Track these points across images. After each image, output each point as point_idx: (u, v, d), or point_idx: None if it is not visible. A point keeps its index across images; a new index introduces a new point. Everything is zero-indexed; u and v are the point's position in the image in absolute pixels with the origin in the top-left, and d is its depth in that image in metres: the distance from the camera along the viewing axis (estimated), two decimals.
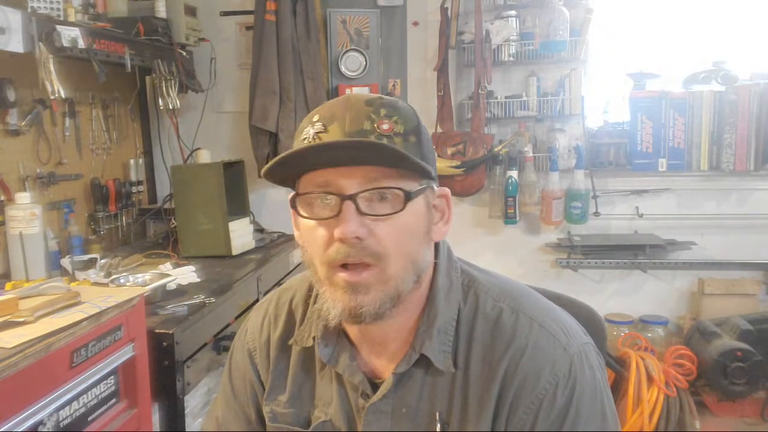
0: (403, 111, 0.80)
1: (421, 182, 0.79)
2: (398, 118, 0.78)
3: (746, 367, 2.54)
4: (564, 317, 0.86)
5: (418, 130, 0.80)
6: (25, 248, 1.96)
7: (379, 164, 0.75)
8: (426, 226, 0.81)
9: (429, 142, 0.83)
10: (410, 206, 0.77)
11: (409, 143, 0.78)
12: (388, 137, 0.76)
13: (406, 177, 0.77)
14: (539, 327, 0.81)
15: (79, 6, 2.14)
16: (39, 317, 1.44)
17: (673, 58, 2.85)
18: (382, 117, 0.77)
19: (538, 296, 0.88)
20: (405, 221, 0.77)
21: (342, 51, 2.90)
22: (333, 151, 0.75)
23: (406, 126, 0.79)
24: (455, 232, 3.41)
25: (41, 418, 1.31)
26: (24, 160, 2.15)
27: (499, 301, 0.84)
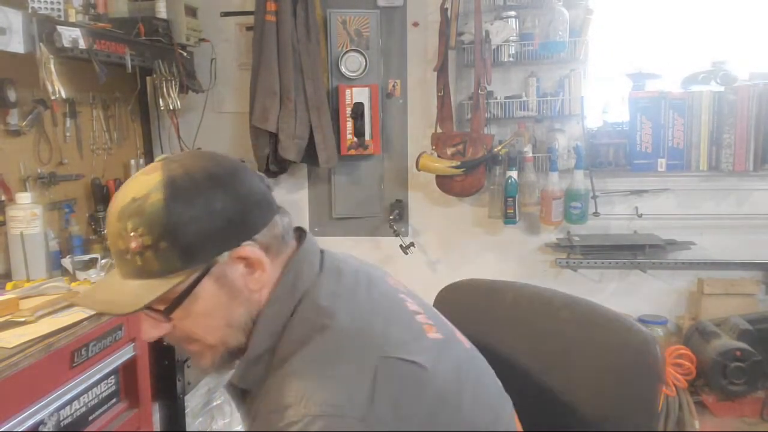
0: (148, 217, 0.79)
1: (191, 274, 0.81)
2: (143, 228, 0.79)
3: (745, 367, 2.54)
4: (328, 380, 0.77)
5: (168, 231, 0.79)
6: (25, 248, 1.97)
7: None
8: (228, 293, 0.84)
9: (191, 229, 0.79)
10: (188, 301, 0.82)
11: (160, 252, 0.79)
12: (140, 254, 0.80)
13: (172, 281, 0.81)
14: (283, 379, 0.79)
15: (79, 6, 2.14)
16: (40, 317, 1.45)
17: (673, 58, 2.86)
18: (130, 233, 0.80)
19: (339, 331, 0.82)
20: (194, 311, 0.84)
21: (342, 51, 2.90)
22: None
23: (153, 234, 0.79)
24: (455, 232, 3.40)
25: (42, 418, 1.31)
26: (25, 160, 2.16)
27: (293, 342, 0.83)
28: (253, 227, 0.84)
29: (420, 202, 3.07)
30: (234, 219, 0.82)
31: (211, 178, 0.82)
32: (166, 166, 0.82)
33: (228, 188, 0.82)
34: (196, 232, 0.80)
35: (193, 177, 0.81)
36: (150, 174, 0.82)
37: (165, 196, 0.79)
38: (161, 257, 0.79)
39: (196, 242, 0.80)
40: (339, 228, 3.12)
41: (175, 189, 0.80)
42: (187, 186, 0.80)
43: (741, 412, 2.66)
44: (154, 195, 0.79)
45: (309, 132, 2.81)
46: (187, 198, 0.80)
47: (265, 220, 0.85)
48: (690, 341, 2.75)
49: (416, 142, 2.99)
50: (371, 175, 3.06)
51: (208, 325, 0.85)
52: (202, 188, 0.81)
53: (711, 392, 2.66)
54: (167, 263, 0.80)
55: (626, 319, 1.00)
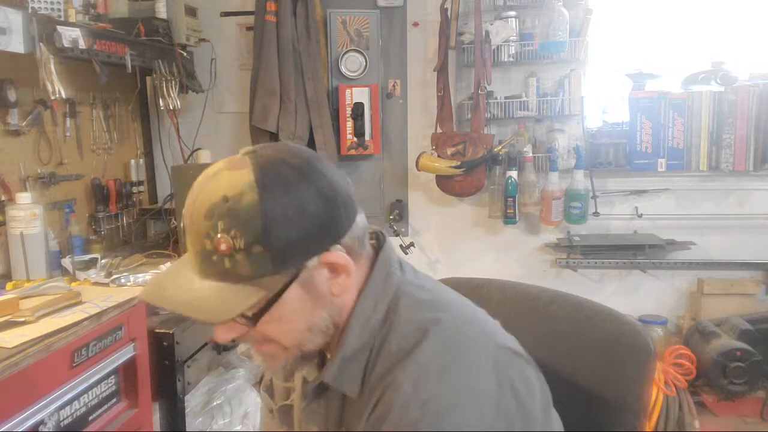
0: (243, 218, 0.74)
1: (280, 280, 0.78)
2: (236, 230, 0.74)
3: (745, 367, 2.54)
4: (461, 367, 0.78)
5: (263, 234, 0.75)
6: (26, 248, 1.97)
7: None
8: (313, 299, 0.82)
9: (285, 233, 0.76)
10: (276, 306, 0.79)
11: (253, 256, 0.75)
12: (230, 257, 0.75)
13: (261, 286, 0.78)
14: (418, 370, 0.77)
15: (79, 7, 2.14)
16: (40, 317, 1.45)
17: (673, 58, 2.86)
18: (221, 233, 0.75)
19: (454, 336, 0.81)
20: (277, 316, 0.80)
21: (342, 51, 2.90)
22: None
23: (247, 237, 0.74)
24: (455, 232, 3.40)
25: (42, 418, 1.31)
26: (25, 160, 2.16)
27: (405, 337, 0.81)
28: (340, 229, 0.80)
29: (420, 202, 3.07)
30: (325, 221, 0.78)
31: (302, 175, 0.78)
32: (255, 161, 0.78)
33: (318, 186, 0.78)
34: (290, 237, 0.76)
35: (285, 175, 0.77)
36: (239, 170, 0.77)
37: (260, 197, 0.75)
38: (253, 261, 0.75)
39: (290, 247, 0.76)
40: None
41: (269, 189, 0.75)
42: (280, 185, 0.76)
43: (741, 412, 2.66)
44: (248, 195, 0.75)
45: (309, 132, 2.81)
46: (281, 199, 0.76)
47: (350, 220, 0.82)
48: (690, 341, 2.75)
49: (416, 142, 3.00)
50: (371, 175, 3.06)
51: (289, 329, 0.82)
52: (294, 187, 0.77)
53: (711, 392, 2.66)
54: (259, 268, 0.76)
55: (617, 312, 1.01)
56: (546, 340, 1.06)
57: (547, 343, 1.05)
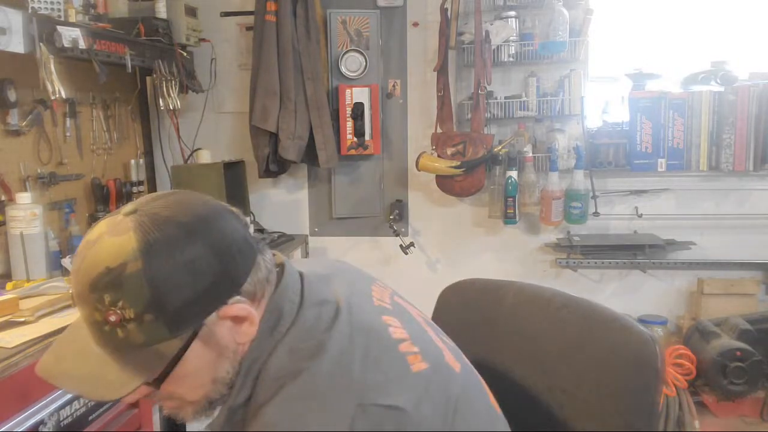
0: (129, 289, 0.72)
1: (185, 332, 0.76)
2: (123, 301, 0.72)
3: (745, 367, 2.54)
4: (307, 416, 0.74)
5: (152, 302, 0.72)
6: (25, 248, 1.97)
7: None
8: (217, 351, 0.79)
9: (176, 297, 0.73)
10: (178, 367, 0.77)
11: (145, 324, 0.73)
12: (121, 327, 0.73)
13: (159, 352, 0.76)
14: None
15: (79, 6, 2.14)
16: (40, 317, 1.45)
17: (673, 58, 2.86)
18: (108, 306, 0.72)
19: (315, 376, 0.76)
20: (182, 375, 0.78)
21: (342, 51, 2.90)
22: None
23: (136, 307, 0.72)
24: (455, 232, 3.39)
25: (42, 418, 1.31)
26: (25, 160, 2.16)
27: (266, 390, 0.78)
28: (237, 279, 0.78)
29: (420, 202, 3.07)
30: (219, 275, 0.76)
31: (189, 233, 0.75)
32: (139, 226, 0.74)
33: (208, 241, 0.75)
34: (183, 299, 0.74)
35: (170, 236, 0.74)
36: (121, 236, 0.73)
37: (144, 264, 0.72)
38: (147, 329, 0.73)
39: (184, 309, 0.74)
40: (339, 228, 3.12)
41: (154, 254, 0.72)
42: (166, 248, 0.73)
43: (741, 412, 2.66)
44: (132, 264, 0.72)
45: (309, 132, 2.81)
46: (168, 262, 0.73)
47: (248, 267, 0.79)
48: (690, 341, 2.75)
49: (416, 142, 3.00)
50: (371, 175, 3.06)
51: (193, 384, 0.80)
52: (182, 247, 0.74)
53: (711, 392, 2.66)
54: (153, 335, 0.74)
55: (626, 319, 1.00)
56: (554, 344, 1.05)
57: (554, 348, 1.04)
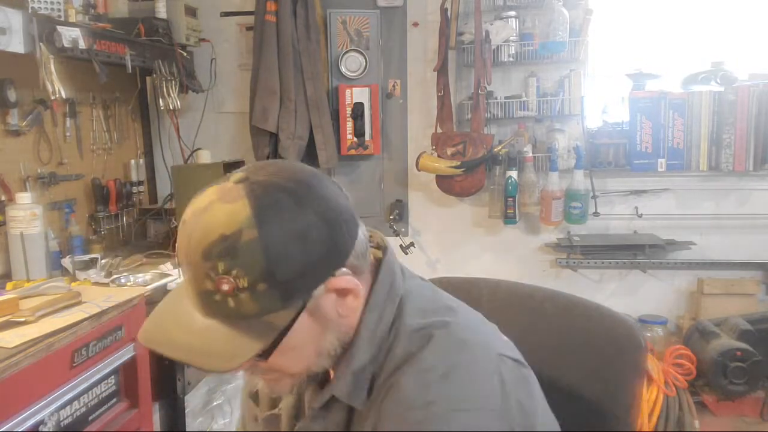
0: (244, 257, 0.71)
1: (287, 314, 0.75)
2: (238, 270, 0.71)
3: (745, 367, 2.54)
4: (464, 373, 0.77)
5: (267, 272, 0.71)
6: (26, 248, 1.97)
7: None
8: (322, 324, 0.79)
9: (289, 267, 0.72)
10: (285, 339, 0.76)
11: (258, 293, 0.72)
12: (234, 297, 0.72)
13: (269, 323, 0.75)
14: (418, 375, 0.76)
15: (79, 7, 2.14)
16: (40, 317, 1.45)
17: (673, 58, 2.86)
18: (221, 274, 0.71)
19: (459, 341, 0.80)
20: (286, 348, 0.77)
21: (342, 51, 2.90)
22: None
23: (250, 276, 0.71)
24: (455, 232, 3.39)
25: (42, 418, 1.31)
26: (25, 160, 2.16)
27: (408, 344, 0.80)
28: (344, 251, 0.77)
29: (420, 202, 3.07)
30: (329, 246, 0.75)
31: (301, 200, 0.74)
32: (250, 191, 0.73)
33: (318, 209, 0.74)
34: (295, 270, 0.73)
35: (282, 204, 0.73)
36: (234, 203, 0.72)
37: (260, 233, 0.71)
38: (259, 299, 0.72)
39: (296, 279, 0.73)
40: None
41: (268, 222, 0.71)
42: (279, 216, 0.72)
43: (741, 412, 2.66)
44: (247, 232, 0.71)
45: (309, 132, 2.81)
46: (282, 231, 0.72)
47: (353, 239, 0.78)
48: (690, 341, 2.75)
49: (416, 142, 3.00)
50: (371, 175, 3.06)
51: (298, 357, 0.80)
52: (294, 216, 0.73)
53: (711, 392, 2.66)
54: (265, 305, 0.73)
55: (608, 309, 1.03)
56: (539, 337, 1.06)
57: (540, 340, 1.06)
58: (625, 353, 0.98)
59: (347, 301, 0.80)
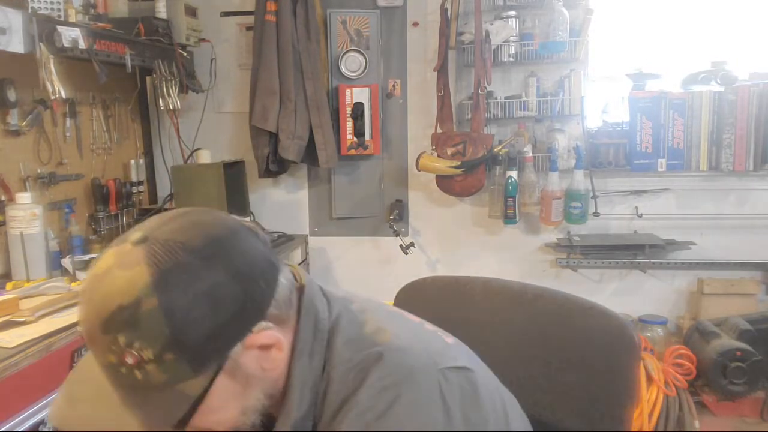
0: (145, 328, 0.66)
1: (209, 368, 0.70)
2: (140, 342, 0.66)
3: (745, 367, 2.54)
4: (402, 410, 0.73)
5: (172, 341, 0.66)
6: (25, 248, 1.97)
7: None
8: (244, 380, 0.74)
9: (197, 332, 0.67)
10: (204, 403, 0.71)
11: (166, 364, 0.67)
12: (139, 368, 0.67)
13: (182, 391, 0.70)
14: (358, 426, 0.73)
15: (79, 6, 2.14)
16: (40, 317, 1.45)
17: (673, 58, 2.86)
18: (124, 348, 0.66)
19: (394, 354, 0.77)
20: (209, 409, 0.72)
21: (342, 51, 2.90)
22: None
23: (154, 347, 0.66)
24: (455, 232, 3.38)
25: (42, 418, 1.31)
26: (25, 160, 2.16)
27: (347, 382, 0.76)
28: (262, 305, 0.73)
29: (420, 202, 3.07)
30: (243, 303, 0.70)
31: (206, 259, 0.68)
32: (151, 256, 0.67)
33: (229, 266, 0.69)
34: (204, 334, 0.67)
35: (186, 265, 0.67)
36: (132, 269, 0.67)
37: (160, 300, 0.66)
38: (168, 369, 0.67)
39: (206, 344, 0.68)
40: (339, 228, 3.12)
41: (170, 286, 0.66)
42: (182, 279, 0.67)
43: (741, 412, 2.66)
44: (146, 301, 0.66)
45: (309, 132, 2.81)
46: (186, 295, 0.67)
47: (272, 289, 0.74)
48: (690, 341, 2.75)
49: (416, 142, 2.99)
50: (371, 175, 3.06)
51: (221, 418, 0.74)
52: (200, 276, 0.68)
53: (711, 392, 2.66)
54: (176, 374, 0.68)
55: (601, 306, 1.04)
56: (531, 335, 1.07)
57: (532, 338, 1.07)
58: (619, 351, 0.99)
59: (271, 354, 0.75)
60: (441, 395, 0.74)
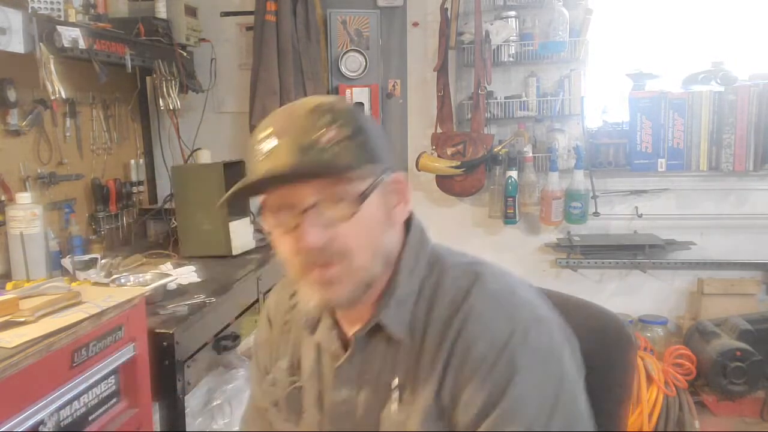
0: (344, 113, 0.82)
1: (374, 175, 0.83)
2: (341, 122, 0.80)
3: (745, 367, 2.54)
4: (523, 293, 0.87)
5: (363, 128, 0.82)
6: (25, 248, 1.97)
7: (329, 177, 0.80)
8: (385, 213, 0.86)
9: (377, 135, 0.85)
10: (366, 203, 0.81)
11: (355, 143, 0.80)
12: (337, 144, 0.79)
13: (357, 178, 0.81)
14: (490, 297, 0.84)
15: (79, 6, 2.14)
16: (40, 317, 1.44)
17: (673, 58, 2.86)
18: (325, 125, 0.80)
19: (502, 273, 0.91)
20: (362, 218, 0.81)
21: (342, 51, 2.90)
22: (284, 180, 0.80)
23: (349, 128, 0.81)
24: (455, 231, 3.38)
25: (42, 418, 1.31)
26: (25, 160, 2.16)
27: (459, 277, 0.87)
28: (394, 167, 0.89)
29: (420, 202, 3.07)
30: (390, 150, 0.89)
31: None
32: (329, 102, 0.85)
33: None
34: (377, 141, 0.84)
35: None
36: (319, 97, 0.86)
37: (348, 105, 0.86)
38: (355, 149, 0.80)
39: (378, 148, 0.84)
40: None
41: (352, 107, 0.87)
42: (360, 108, 0.86)
43: (741, 412, 2.66)
44: (342, 101, 0.86)
45: None
46: (367, 116, 0.88)
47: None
48: (690, 341, 2.75)
49: (416, 142, 2.99)
50: None
51: (367, 239, 0.83)
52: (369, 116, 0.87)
53: (711, 392, 2.66)
54: (359, 156, 0.80)
55: (597, 305, 1.05)
56: None
57: None
58: (616, 349, 1.00)
59: (400, 207, 0.89)
60: (540, 338, 0.82)
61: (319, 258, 0.81)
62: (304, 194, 0.80)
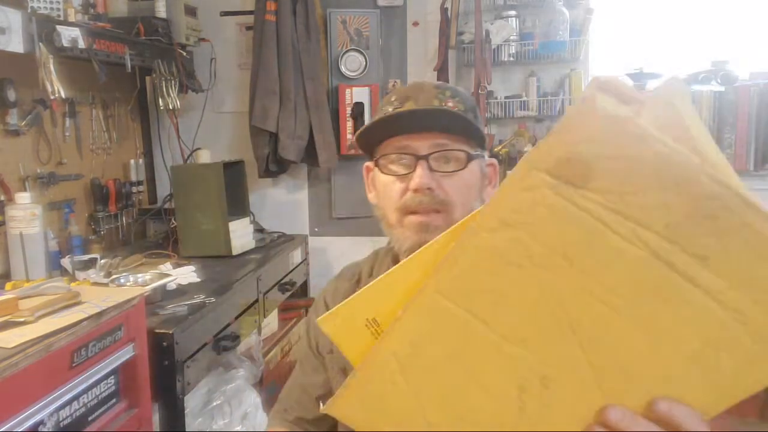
0: (464, 95, 1.00)
1: (477, 150, 0.98)
2: (460, 99, 0.97)
3: None
4: None
5: (475, 111, 1.00)
6: (25, 248, 1.97)
7: (447, 131, 0.94)
8: (480, 185, 0.99)
9: (480, 121, 1.01)
10: (470, 166, 0.96)
11: (469, 117, 0.96)
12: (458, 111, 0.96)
13: (466, 143, 0.96)
14: None
15: (79, 6, 2.14)
16: (39, 317, 1.44)
17: (673, 58, 2.85)
18: (448, 97, 0.97)
19: None
20: (466, 177, 0.95)
21: (342, 51, 2.90)
22: (411, 120, 0.94)
23: (466, 106, 0.98)
24: None
25: (41, 418, 1.31)
26: (24, 160, 2.16)
27: None
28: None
29: None
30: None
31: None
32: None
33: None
34: (481, 123, 1.01)
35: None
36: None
37: (461, 90, 1.02)
38: (471, 121, 0.96)
39: (482, 131, 1.00)
40: (339, 228, 3.11)
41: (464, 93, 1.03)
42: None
43: (741, 412, 2.65)
44: (456, 86, 1.03)
45: (309, 132, 2.81)
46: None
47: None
48: None
49: None
50: None
51: (466, 197, 0.95)
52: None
53: None
54: (472, 128, 0.97)
55: None
56: None
57: None
58: None
59: (489, 189, 1.01)
60: None
61: (424, 202, 0.93)
62: (422, 145, 0.94)
